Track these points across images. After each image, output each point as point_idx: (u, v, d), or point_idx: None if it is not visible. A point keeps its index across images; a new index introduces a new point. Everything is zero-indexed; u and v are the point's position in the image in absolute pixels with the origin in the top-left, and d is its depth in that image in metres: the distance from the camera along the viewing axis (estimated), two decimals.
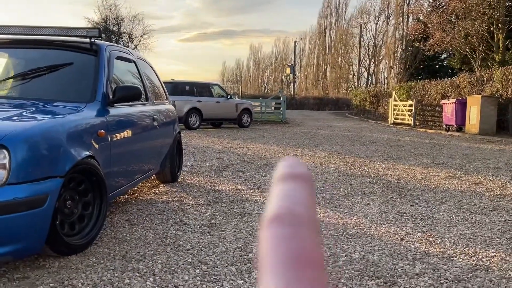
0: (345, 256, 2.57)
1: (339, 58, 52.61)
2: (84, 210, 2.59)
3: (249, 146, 8.74)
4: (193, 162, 6.36)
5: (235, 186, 4.58)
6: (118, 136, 3.05)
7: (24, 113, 2.46)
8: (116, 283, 2.09)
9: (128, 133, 3.27)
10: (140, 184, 4.37)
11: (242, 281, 2.16)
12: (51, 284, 2.05)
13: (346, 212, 3.61)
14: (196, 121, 13.50)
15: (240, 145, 8.95)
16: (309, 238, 0.25)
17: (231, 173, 5.42)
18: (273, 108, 19.94)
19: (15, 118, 2.35)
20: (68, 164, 2.33)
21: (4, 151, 2.00)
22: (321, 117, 23.87)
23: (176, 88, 13.22)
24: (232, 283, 2.13)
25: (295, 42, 44.85)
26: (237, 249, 2.62)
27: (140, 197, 3.98)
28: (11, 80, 3.12)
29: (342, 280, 2.21)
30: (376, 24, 46.45)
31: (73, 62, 3.17)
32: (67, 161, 2.33)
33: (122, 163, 3.16)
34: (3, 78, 3.19)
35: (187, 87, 13.83)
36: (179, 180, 4.88)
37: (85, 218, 2.59)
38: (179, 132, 5.01)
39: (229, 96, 14.65)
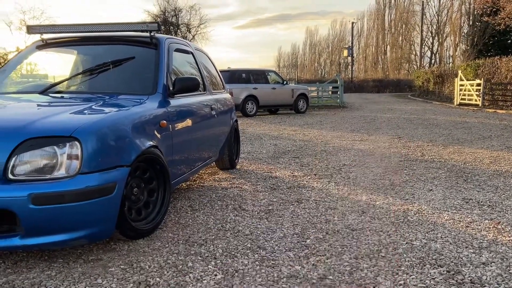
0: (406, 243, 2.51)
1: (400, 38, 50.38)
2: (150, 197, 2.74)
3: (305, 132, 8.70)
4: (250, 149, 6.46)
5: (292, 173, 4.61)
6: (179, 126, 3.17)
7: (92, 107, 2.64)
8: (180, 266, 2.20)
9: (188, 122, 3.39)
10: (200, 171, 4.52)
11: (300, 267, 2.19)
12: (121, 266, 2.21)
13: (407, 199, 3.51)
14: (253, 108, 13.62)
15: (297, 131, 8.93)
16: None
17: (287, 160, 5.45)
18: (330, 92, 19.58)
19: (84, 111, 2.53)
20: (134, 154, 2.46)
21: (77, 143, 2.16)
22: (381, 100, 23.10)
23: (233, 76, 13.40)
24: (290, 269, 2.17)
25: (353, 23, 43.50)
26: (295, 235, 2.65)
27: (201, 184, 4.12)
28: (80, 75, 3.33)
29: (402, 268, 2.17)
30: None
31: (135, 56, 3.32)
32: (133, 151, 2.47)
33: (183, 151, 3.28)
34: (73, 75, 3.42)
35: (243, 75, 13.95)
36: (237, 167, 4.99)
37: (150, 204, 2.74)
38: (236, 120, 5.10)
39: (284, 82, 14.61)
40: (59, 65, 3.84)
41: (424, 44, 45.12)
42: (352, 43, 43.12)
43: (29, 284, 2.00)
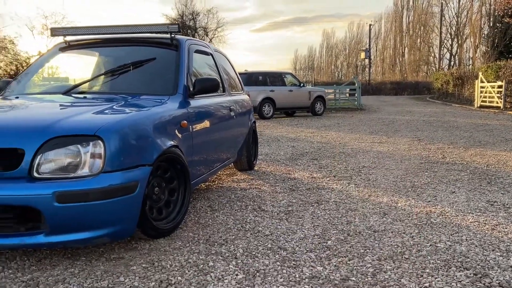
0: (430, 245, 2.46)
1: (418, 40, 49.78)
2: (170, 196, 2.75)
3: (323, 134, 8.65)
4: (268, 150, 6.45)
5: (311, 174, 4.57)
6: (199, 126, 3.18)
7: (114, 107, 2.66)
8: (201, 265, 2.20)
9: (207, 123, 3.40)
10: (218, 172, 4.52)
11: (322, 268, 2.17)
12: (143, 265, 2.21)
13: (429, 201, 3.44)
14: (270, 110, 13.61)
15: (314, 133, 8.88)
16: None
17: (306, 161, 5.41)
18: (347, 94, 19.45)
19: (107, 111, 2.55)
20: (156, 153, 2.48)
21: (100, 141, 2.18)
22: (399, 102, 22.83)
23: (250, 79, 13.42)
24: (312, 269, 2.15)
25: (370, 25, 43.15)
26: (316, 236, 2.63)
27: (220, 184, 4.13)
28: (102, 76, 3.37)
29: (427, 270, 2.13)
30: (459, 0, 43.16)
31: (156, 57, 3.35)
32: (155, 150, 2.48)
33: (202, 152, 3.29)
34: (95, 76, 3.46)
35: (260, 77, 13.97)
36: (255, 168, 4.98)
37: (171, 204, 2.75)
38: (254, 122, 5.10)
39: (301, 84, 14.57)
40: (81, 66, 3.90)
41: (443, 46, 44.53)
42: (369, 45, 42.76)
43: (53, 281, 2.03)
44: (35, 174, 2.10)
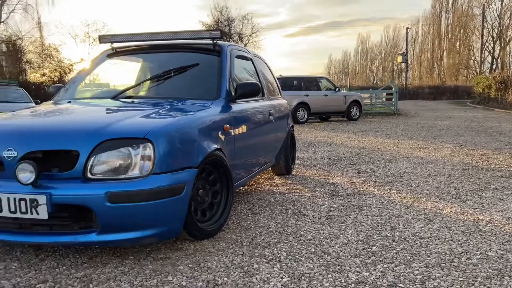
0: (480, 254, 2.38)
1: (457, 43, 48.30)
2: (213, 199, 2.80)
3: (360, 139, 8.53)
4: (304, 155, 6.42)
5: (350, 179, 4.52)
6: (240, 130, 3.22)
7: (162, 111, 2.74)
8: (246, 267, 2.22)
9: (248, 127, 3.43)
10: (256, 176, 4.55)
11: (367, 273, 2.14)
12: (189, 265, 2.26)
13: (476, 208, 3.33)
14: (304, 115, 13.56)
15: (351, 138, 8.77)
16: None
17: (344, 166, 5.36)
18: (384, 99, 19.09)
19: (155, 115, 2.63)
20: (201, 156, 2.53)
21: (149, 144, 2.25)
22: (438, 107, 22.18)
23: (285, 84, 13.40)
24: (358, 275, 2.13)
25: (407, 28, 42.18)
26: (359, 242, 2.60)
27: (259, 188, 4.15)
28: (148, 82, 3.48)
29: (479, 279, 2.06)
30: (502, 1, 41.60)
31: (199, 63, 3.42)
32: (200, 153, 2.54)
33: (243, 155, 3.32)
34: (141, 81, 3.58)
35: (295, 82, 13.95)
36: (293, 172, 4.98)
37: (214, 206, 2.80)
38: (292, 126, 5.10)
39: (337, 89, 14.43)
40: (127, 72, 4.03)
41: (484, 49, 42.97)
42: (406, 49, 41.83)
43: (105, 278, 2.10)
44: (89, 175, 2.19)
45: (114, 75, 4.10)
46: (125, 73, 4.11)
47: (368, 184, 4.27)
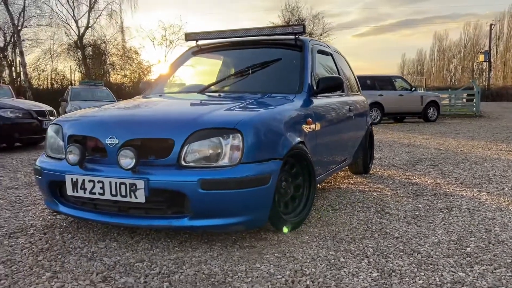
0: None
1: None
2: (296, 192, 2.81)
3: (440, 141, 8.10)
4: (380, 155, 6.23)
5: (434, 180, 4.31)
6: (321, 125, 3.20)
7: (248, 104, 2.80)
8: (332, 260, 2.20)
9: (329, 122, 3.40)
10: (333, 174, 4.49)
11: (464, 274, 2.02)
12: (275, 254, 2.29)
13: None
14: (377, 115, 13.16)
15: (430, 140, 8.36)
16: None
17: (425, 167, 5.12)
18: (464, 100, 17.96)
19: (242, 108, 2.70)
20: (285, 148, 2.55)
21: (239, 134, 2.31)
22: None
23: None
24: (453, 275, 2.02)
25: (491, 25, 39.30)
26: (451, 242, 2.46)
27: (336, 186, 4.09)
28: (232, 77, 3.57)
29: None
30: None
31: (281, 58, 3.45)
32: (285, 145, 2.56)
33: (323, 151, 3.29)
34: (226, 76, 3.68)
35: (368, 81, 13.58)
36: (371, 172, 4.84)
37: (296, 199, 2.81)
38: (371, 124, 4.97)
39: (413, 89, 13.83)
40: (211, 68, 4.18)
41: None
42: (489, 46, 39.00)
43: (196, 261, 2.19)
44: (183, 163, 2.29)
45: (200, 70, 4.26)
46: (210, 68, 4.25)
47: (455, 185, 4.04)
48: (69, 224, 2.84)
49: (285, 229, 2.50)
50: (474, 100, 16.69)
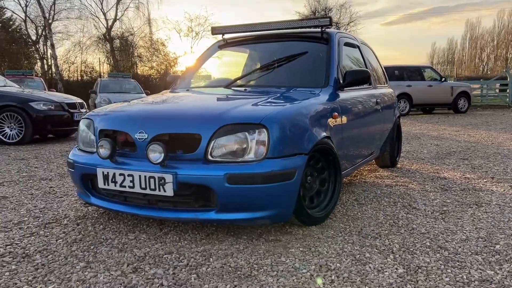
0: None
1: None
2: (321, 186, 2.81)
3: (471, 133, 7.89)
4: (408, 148, 6.13)
5: (463, 175, 4.22)
6: (348, 119, 3.18)
7: (273, 99, 2.81)
8: (357, 256, 2.20)
9: (355, 116, 3.37)
10: (360, 168, 4.45)
11: (492, 272, 1.99)
12: (300, 249, 2.31)
13: None
14: (406, 107, 12.93)
15: (460, 132, 8.16)
16: None
17: (455, 161, 5.01)
18: (496, 90, 17.38)
19: (268, 102, 2.71)
20: (311, 143, 2.56)
21: (264, 130, 2.33)
22: None
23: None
24: (481, 273, 1.99)
25: None
26: (480, 239, 2.42)
27: (363, 180, 4.07)
28: (258, 71, 3.59)
29: None
30: None
31: (308, 51, 3.44)
32: (310, 140, 2.56)
33: (350, 145, 3.28)
34: (251, 70, 3.70)
35: (396, 72, 13.33)
36: (398, 165, 4.78)
37: (321, 193, 2.81)
38: (399, 117, 4.89)
39: (442, 79, 13.48)
40: (237, 61, 4.20)
41: None
42: None
43: (223, 254, 2.24)
44: (209, 157, 2.33)
45: (226, 64, 4.29)
46: (236, 62, 4.28)
47: (485, 180, 3.94)
48: (100, 215, 2.95)
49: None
50: (508, 90, 16.12)
